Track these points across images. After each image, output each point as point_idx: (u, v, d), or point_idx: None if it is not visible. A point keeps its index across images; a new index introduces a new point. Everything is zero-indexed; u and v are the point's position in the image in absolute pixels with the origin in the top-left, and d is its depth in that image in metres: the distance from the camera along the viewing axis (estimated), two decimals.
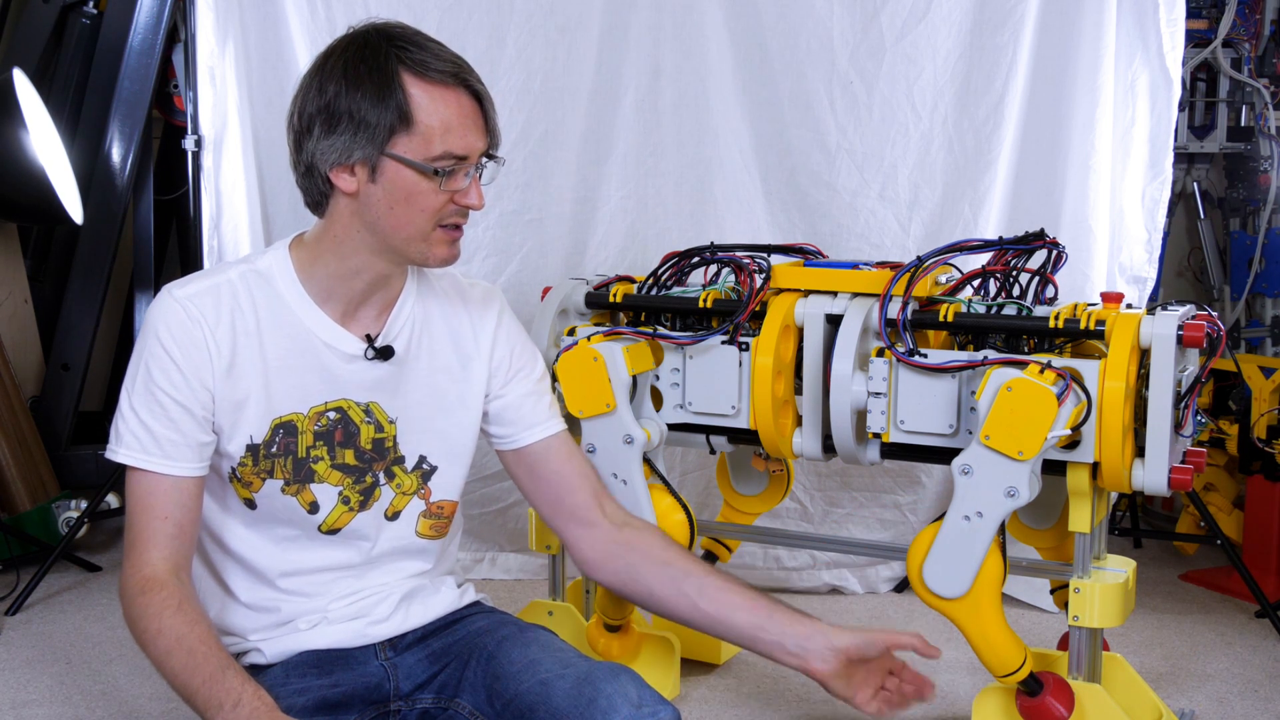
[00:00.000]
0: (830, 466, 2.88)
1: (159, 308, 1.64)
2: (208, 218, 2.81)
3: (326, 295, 1.68)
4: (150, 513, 1.61)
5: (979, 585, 1.83)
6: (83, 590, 2.88)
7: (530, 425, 1.84)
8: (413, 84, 1.57)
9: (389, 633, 1.75)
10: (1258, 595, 2.64)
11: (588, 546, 1.87)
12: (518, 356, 1.85)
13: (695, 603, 1.79)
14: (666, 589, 1.81)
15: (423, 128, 1.58)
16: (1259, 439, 2.84)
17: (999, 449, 1.77)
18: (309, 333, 1.68)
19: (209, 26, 2.73)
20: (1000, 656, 1.86)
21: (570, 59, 2.79)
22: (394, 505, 1.76)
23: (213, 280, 1.67)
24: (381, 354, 1.71)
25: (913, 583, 1.88)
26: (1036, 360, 1.81)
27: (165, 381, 1.61)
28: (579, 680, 1.59)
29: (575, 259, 2.85)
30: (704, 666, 2.43)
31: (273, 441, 1.68)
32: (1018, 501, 1.79)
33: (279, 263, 1.69)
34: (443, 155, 1.59)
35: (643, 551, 1.84)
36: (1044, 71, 2.71)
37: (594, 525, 1.86)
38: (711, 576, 1.81)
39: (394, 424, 1.74)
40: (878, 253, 2.76)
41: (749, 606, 1.78)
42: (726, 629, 1.80)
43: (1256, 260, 3.56)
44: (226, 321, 1.64)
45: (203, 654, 1.53)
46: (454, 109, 1.59)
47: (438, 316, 1.78)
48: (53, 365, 3.27)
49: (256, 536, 1.72)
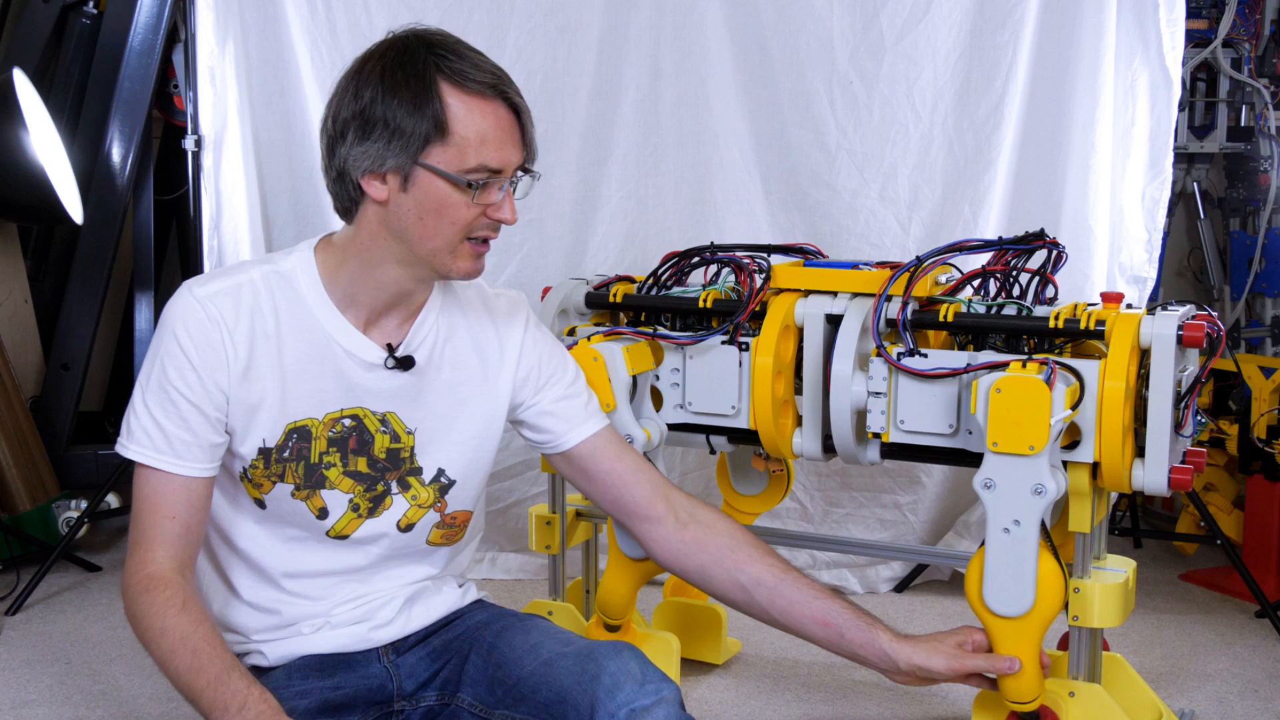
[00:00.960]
0: (830, 466, 2.88)
1: (178, 305, 1.62)
2: (208, 218, 2.81)
3: (349, 301, 1.67)
4: (158, 511, 1.60)
5: (1038, 606, 1.79)
6: (83, 590, 2.88)
7: (571, 427, 1.83)
8: (451, 94, 1.55)
9: (391, 636, 1.75)
10: (1258, 595, 2.64)
11: (655, 544, 1.86)
12: (547, 364, 1.83)
13: (767, 611, 1.81)
14: (738, 595, 1.83)
15: (458, 139, 1.55)
16: (1259, 439, 2.84)
17: (1011, 451, 1.75)
18: (329, 338, 1.66)
19: (209, 26, 2.73)
20: (1020, 687, 1.82)
21: (570, 59, 2.79)
22: (408, 517, 1.74)
23: (234, 280, 1.65)
24: (401, 364, 1.69)
25: (977, 613, 1.83)
26: (1015, 358, 1.81)
27: (180, 381, 1.60)
28: (582, 657, 1.59)
29: (575, 259, 2.85)
30: (704, 666, 2.43)
31: (285, 446, 1.66)
32: (1048, 498, 1.76)
33: (303, 265, 1.67)
34: (478, 168, 1.56)
35: (712, 554, 1.82)
36: (1044, 71, 2.71)
37: (659, 521, 1.84)
38: (784, 585, 1.80)
39: (412, 435, 1.72)
40: (878, 253, 2.76)
41: (820, 623, 1.79)
42: (802, 638, 1.83)
43: (1256, 260, 3.56)
44: (246, 323, 1.62)
45: (208, 655, 1.52)
46: (491, 121, 1.57)
47: (462, 328, 1.76)
48: (53, 365, 3.27)
49: (265, 534, 1.71)
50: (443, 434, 1.74)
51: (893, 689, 2.31)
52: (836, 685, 2.35)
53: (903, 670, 1.77)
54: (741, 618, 2.52)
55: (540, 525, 2.31)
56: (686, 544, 1.83)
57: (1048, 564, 1.80)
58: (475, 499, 1.82)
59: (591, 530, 2.39)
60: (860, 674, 2.39)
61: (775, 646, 2.52)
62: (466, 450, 1.76)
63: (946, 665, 1.78)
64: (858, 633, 1.77)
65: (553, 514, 2.30)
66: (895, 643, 1.77)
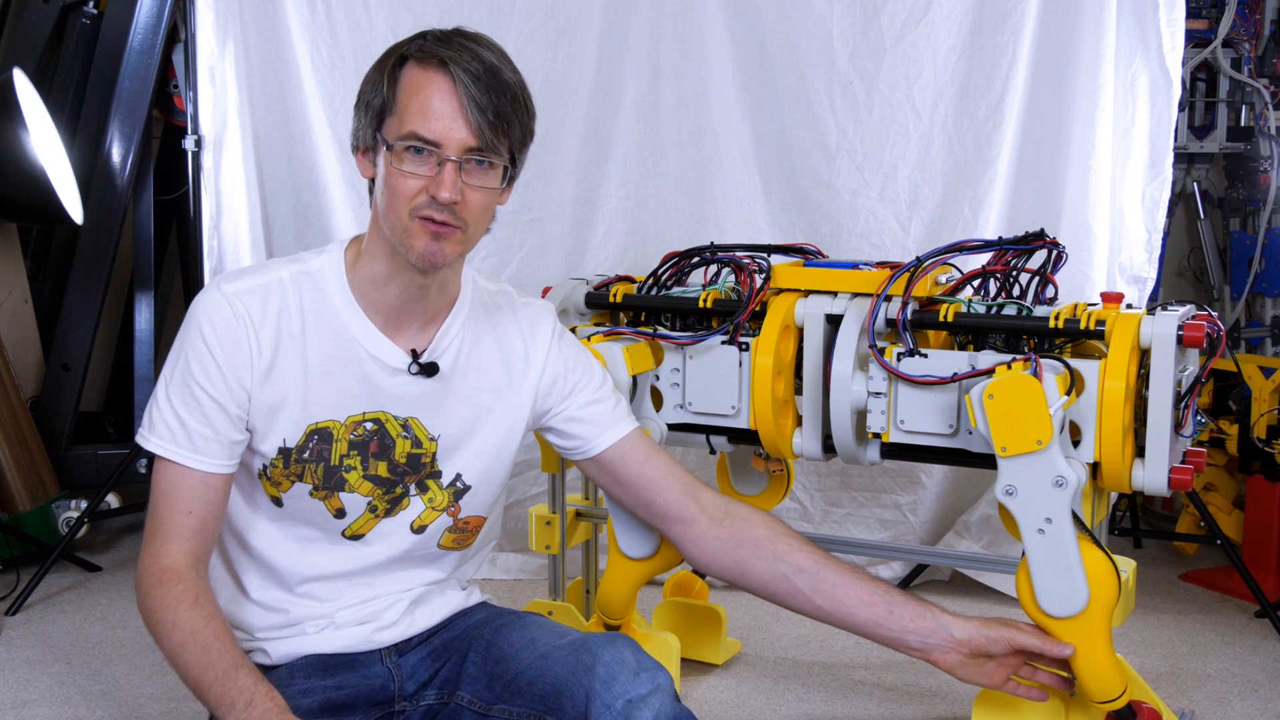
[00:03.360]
0: (830, 466, 2.88)
1: (206, 301, 1.62)
2: (208, 218, 2.81)
3: (369, 302, 1.67)
4: (175, 505, 1.60)
5: (1094, 599, 1.77)
6: (83, 590, 2.88)
7: (599, 432, 1.82)
8: (408, 68, 1.58)
9: (395, 638, 1.75)
10: (1258, 595, 2.64)
11: (691, 544, 1.84)
12: (573, 371, 1.82)
13: (811, 599, 1.79)
14: (780, 586, 1.80)
15: (399, 108, 1.57)
16: (1259, 439, 2.84)
17: (1020, 451, 1.75)
18: (354, 341, 1.66)
19: (209, 26, 2.73)
20: (1102, 681, 1.80)
21: (570, 59, 2.79)
22: (421, 519, 1.74)
23: (263, 279, 1.65)
24: (425, 370, 1.68)
25: (1037, 621, 1.81)
26: (999, 362, 1.82)
27: (203, 377, 1.60)
28: (576, 648, 1.59)
29: (575, 259, 2.85)
30: (704, 666, 2.43)
31: (306, 447, 1.66)
32: (1071, 487, 1.74)
33: (331, 264, 1.67)
34: (409, 135, 1.56)
35: (750, 547, 1.81)
36: (1044, 71, 2.71)
37: (692, 522, 1.83)
38: (826, 570, 1.79)
39: (435, 441, 1.71)
40: (878, 253, 2.76)
41: (867, 602, 1.77)
42: (846, 624, 1.80)
43: (1256, 260, 3.56)
44: (272, 322, 1.62)
45: (217, 650, 1.53)
46: (430, 92, 1.56)
47: (489, 335, 1.76)
48: (53, 365, 3.27)
49: (279, 534, 1.70)
50: (465, 441, 1.74)
51: (893, 689, 2.31)
52: (836, 685, 2.35)
53: (958, 639, 1.75)
54: (741, 618, 2.51)
55: (540, 525, 2.31)
56: (724, 540, 1.82)
57: (1091, 554, 1.78)
58: (490, 505, 1.81)
59: (591, 530, 2.40)
60: (860, 674, 2.39)
61: (775, 646, 2.52)
62: (486, 457, 1.76)
63: (1005, 637, 1.76)
64: (908, 606, 1.76)
65: (553, 514, 2.31)
66: (950, 615, 1.76)
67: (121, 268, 3.53)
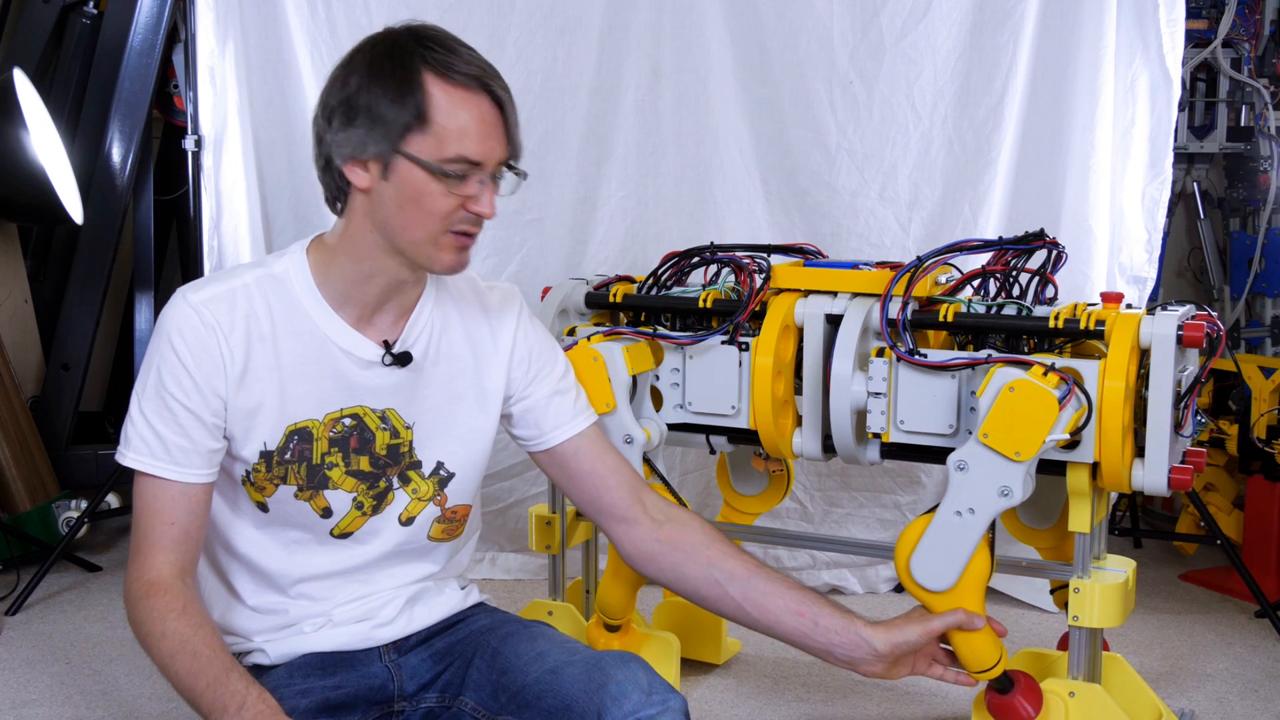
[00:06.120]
0: (830, 466, 2.88)
1: (173, 312, 1.62)
2: (208, 218, 2.81)
3: (343, 299, 1.67)
4: (157, 517, 1.61)
5: (964, 581, 1.82)
6: (83, 590, 2.88)
7: (556, 425, 1.83)
8: (434, 84, 1.56)
9: (393, 635, 1.75)
10: (1258, 595, 2.64)
11: (629, 544, 1.85)
12: (537, 357, 1.83)
13: (741, 606, 1.80)
14: (711, 590, 1.81)
15: (438, 128, 1.55)
16: (1259, 439, 2.84)
17: (996, 448, 1.76)
18: (325, 338, 1.66)
19: (209, 26, 2.73)
20: (977, 653, 1.84)
21: (570, 59, 2.79)
22: (408, 511, 1.75)
23: (228, 285, 1.65)
24: (399, 360, 1.69)
25: (899, 573, 1.86)
26: (1040, 361, 1.81)
27: (176, 388, 1.60)
28: (589, 666, 1.59)
29: (575, 259, 2.85)
30: (704, 666, 2.43)
31: (287, 448, 1.66)
32: (1010, 501, 1.78)
33: (296, 266, 1.67)
34: (456, 158, 1.56)
35: (686, 552, 1.82)
36: (1044, 71, 2.71)
37: (635, 522, 1.84)
38: (756, 578, 1.79)
39: (410, 429, 1.72)
40: (878, 253, 2.76)
41: (794, 612, 1.78)
42: (775, 633, 1.81)
43: (1256, 260, 3.56)
44: (241, 327, 1.63)
45: (207, 657, 1.53)
46: (473, 113, 1.57)
47: (456, 321, 1.77)
48: (53, 365, 3.28)
49: (266, 539, 1.71)
50: (441, 428, 1.75)
51: (893, 689, 2.31)
52: (836, 685, 2.35)
53: (880, 652, 1.77)
54: None
55: (540, 525, 2.31)
56: (662, 543, 1.83)
57: (981, 558, 1.82)
58: (474, 493, 1.82)
59: (591, 530, 2.39)
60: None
61: (775, 646, 2.52)
62: (465, 443, 1.77)
63: (921, 630, 1.79)
64: (832, 619, 1.77)
65: (553, 514, 2.31)
66: (870, 627, 1.78)
67: (121, 268, 3.53)
